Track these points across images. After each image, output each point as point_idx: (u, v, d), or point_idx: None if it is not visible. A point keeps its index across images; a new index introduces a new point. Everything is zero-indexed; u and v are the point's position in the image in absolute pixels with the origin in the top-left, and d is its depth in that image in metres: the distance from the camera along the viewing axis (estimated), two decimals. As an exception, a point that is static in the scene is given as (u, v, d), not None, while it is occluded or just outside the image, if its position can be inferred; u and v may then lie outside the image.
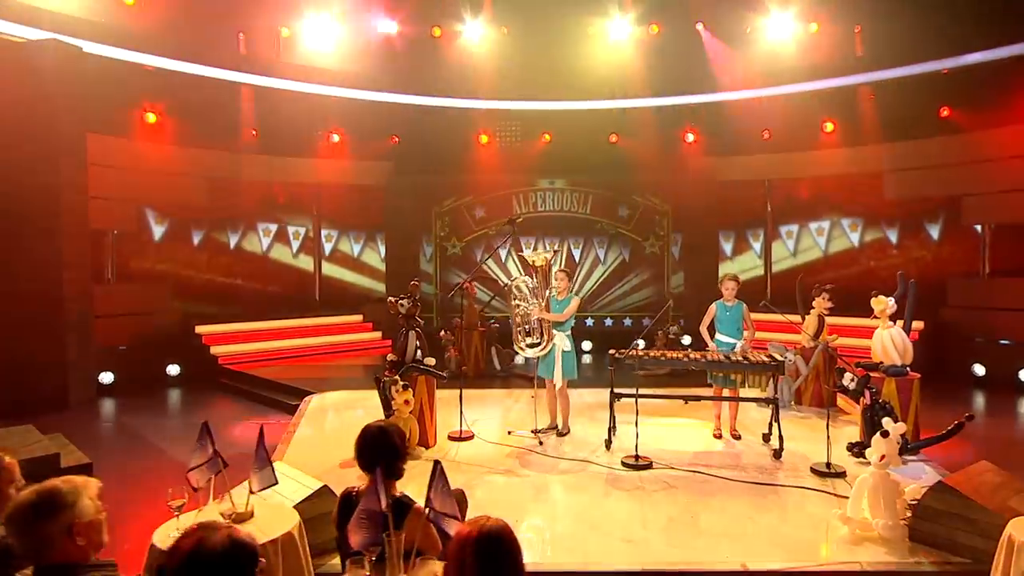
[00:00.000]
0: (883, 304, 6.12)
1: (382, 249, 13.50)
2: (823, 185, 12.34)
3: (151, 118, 10.77)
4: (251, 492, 3.37)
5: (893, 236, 11.88)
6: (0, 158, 8.41)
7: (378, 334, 12.15)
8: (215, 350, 10.30)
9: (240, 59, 11.46)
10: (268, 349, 10.87)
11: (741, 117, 12.24)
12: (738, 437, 6.39)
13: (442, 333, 9.59)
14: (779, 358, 5.91)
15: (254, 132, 11.85)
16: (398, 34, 12.14)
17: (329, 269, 13.53)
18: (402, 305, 6.16)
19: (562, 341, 6.37)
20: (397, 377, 5.75)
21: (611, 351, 6.04)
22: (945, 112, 10.76)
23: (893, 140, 11.26)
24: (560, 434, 6.51)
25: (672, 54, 12.17)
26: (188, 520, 3.08)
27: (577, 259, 12.69)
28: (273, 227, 13.03)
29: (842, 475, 5.33)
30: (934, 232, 11.45)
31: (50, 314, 8.48)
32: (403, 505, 2.98)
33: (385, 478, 2.96)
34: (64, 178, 8.59)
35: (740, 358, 5.91)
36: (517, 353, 6.76)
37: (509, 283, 6.58)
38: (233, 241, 12.49)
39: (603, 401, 7.40)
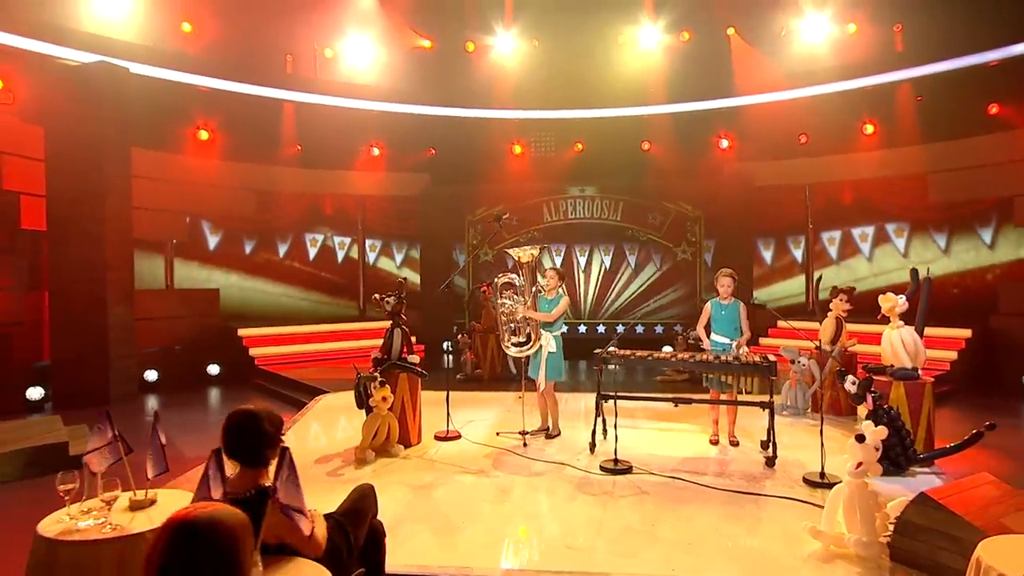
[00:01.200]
0: (891, 302, 5.36)
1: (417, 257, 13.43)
2: (865, 189, 11.35)
3: (203, 135, 11.07)
4: (146, 478, 3.14)
5: (941, 240, 10.77)
6: (55, 171, 8.75)
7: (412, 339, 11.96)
8: (253, 352, 10.35)
9: (286, 78, 11.65)
10: (305, 352, 10.86)
11: (777, 121, 11.43)
12: (736, 444, 5.74)
13: (460, 336, 9.29)
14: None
15: (299, 147, 11.99)
16: (433, 50, 12.08)
17: (372, 277, 13.52)
18: (388, 302, 5.89)
19: (548, 342, 5.93)
20: (376, 374, 5.47)
21: (596, 351, 5.56)
22: (994, 109, 9.69)
23: (939, 140, 10.25)
24: (549, 436, 6.04)
25: (704, 60, 11.58)
26: (75, 508, 2.88)
27: (608, 266, 12.16)
28: (320, 237, 13.13)
29: (833, 484, 4.65)
30: (986, 235, 10.29)
31: (94, 314, 8.70)
32: (266, 497, 2.65)
33: (247, 466, 2.64)
34: (109, 189, 8.83)
35: (730, 359, 5.29)
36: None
37: (496, 280, 6.19)
38: (282, 250, 12.66)
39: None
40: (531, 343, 5.94)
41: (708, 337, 5.87)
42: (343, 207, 13.16)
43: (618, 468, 5.02)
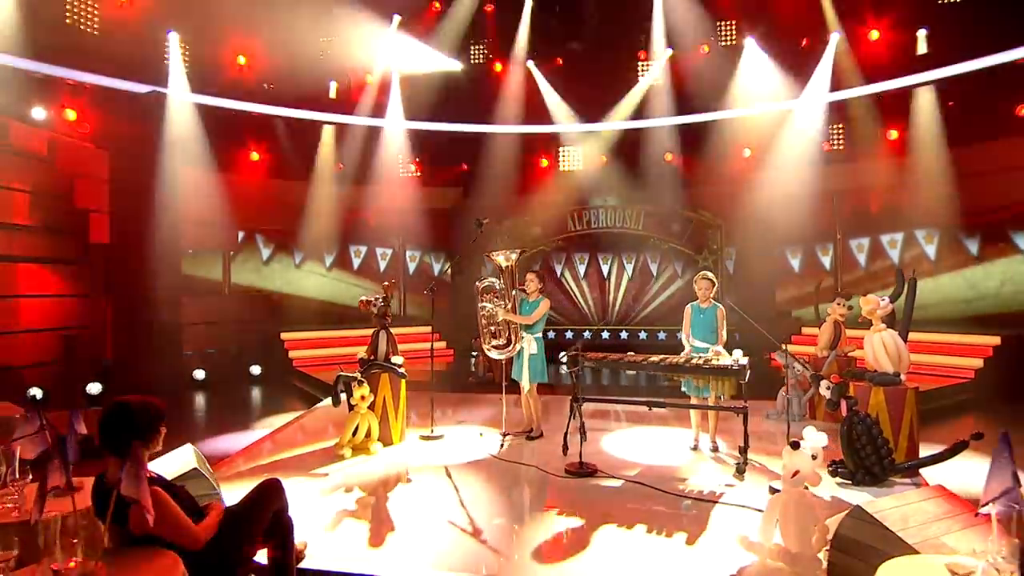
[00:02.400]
0: (871, 304, 4.80)
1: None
2: (893, 195, 10.44)
3: (254, 156, 11.43)
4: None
5: (973, 246, 9.78)
6: (117, 190, 9.21)
7: (443, 343, 11.89)
8: (292, 354, 10.52)
9: (330, 103, 11.90)
10: (344, 355, 10.94)
11: (799, 128, 10.75)
12: (716, 449, 5.30)
13: (474, 340, 9.12)
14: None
15: (341, 165, 12.19)
16: (464, 71, 12.05)
17: (412, 285, 13.55)
18: (375, 306, 5.78)
19: (529, 344, 5.67)
20: (357, 374, 5.36)
21: (561, 353, 5.28)
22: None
23: (967, 143, 9.33)
24: (531, 437, 5.76)
25: (724, 72, 10.99)
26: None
27: (630, 273, 11.70)
28: (363, 248, 13.28)
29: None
30: (1021, 241, 9.27)
31: (148, 318, 9.06)
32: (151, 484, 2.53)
33: (116, 456, 2.53)
34: (162, 205, 9.21)
35: (698, 363, 4.88)
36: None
37: (477, 284, 5.99)
38: (328, 260, 12.88)
39: (602, 409, 6.62)
40: (511, 345, 5.70)
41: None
42: (384, 220, 13.26)
43: (582, 471, 4.71)
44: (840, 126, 10.72)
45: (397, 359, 5.71)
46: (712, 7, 10.77)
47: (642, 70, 11.44)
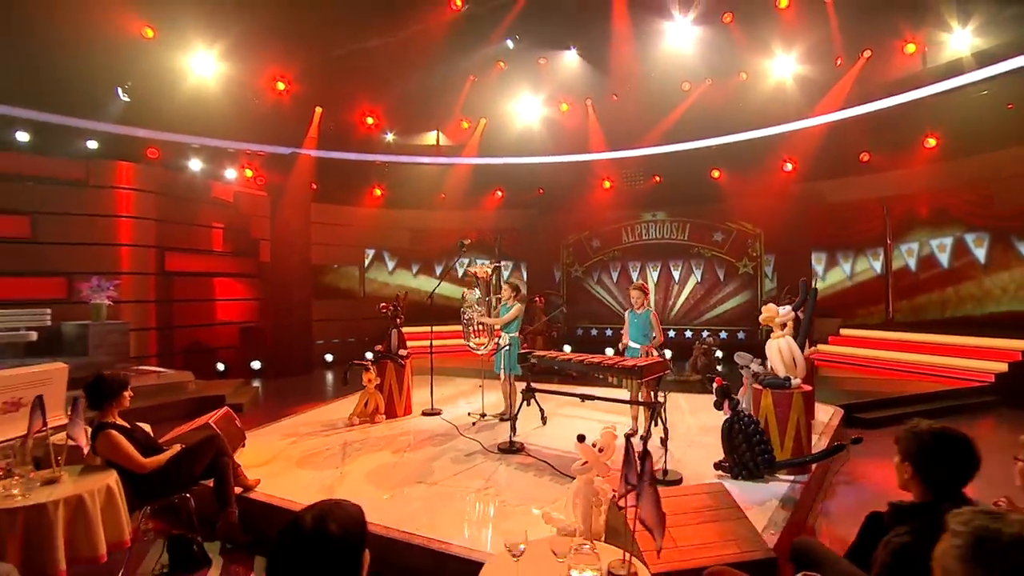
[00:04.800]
0: (770, 312, 4.33)
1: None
2: (939, 199, 8.84)
3: (377, 192, 12.79)
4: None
5: (1026, 248, 7.92)
6: (275, 223, 10.95)
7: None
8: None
9: (434, 148, 12.90)
10: (445, 346, 11.75)
11: (840, 138, 9.46)
12: (644, 438, 5.08)
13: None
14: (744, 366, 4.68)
15: (443, 196, 13.13)
16: (541, 115, 12.32)
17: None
18: (389, 310, 6.40)
19: (506, 342, 5.89)
20: (365, 362, 6.01)
21: (520, 352, 5.42)
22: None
23: (1012, 144, 7.59)
24: (503, 419, 5.96)
25: (764, 91, 10.02)
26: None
27: (676, 279, 11.11)
28: (465, 261, 14.11)
29: (677, 482, 3.99)
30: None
31: (291, 315, 10.65)
32: (99, 429, 3.32)
33: (93, 408, 3.37)
34: (294, 231, 10.75)
35: (611, 363, 4.76)
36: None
37: (463, 293, 6.31)
38: (438, 270, 13.91)
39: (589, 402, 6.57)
40: (488, 342, 5.97)
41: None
42: (482, 237, 13.99)
43: (511, 448, 4.87)
44: (879, 134, 9.24)
45: (403, 352, 6.26)
46: (747, 37, 9.87)
47: (685, 97, 10.79)
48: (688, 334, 10.83)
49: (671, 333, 11.15)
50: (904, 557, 1.63)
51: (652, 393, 4.65)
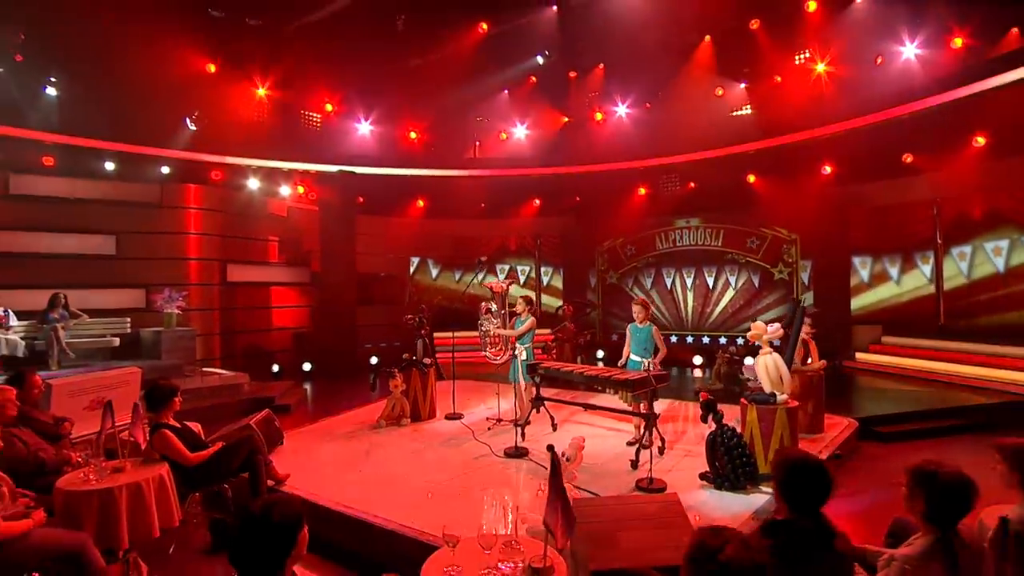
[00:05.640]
0: (758, 330, 4.49)
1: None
2: (993, 200, 8.43)
3: (420, 203, 13.51)
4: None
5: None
6: (323, 234, 11.85)
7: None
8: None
9: (473, 161, 13.46)
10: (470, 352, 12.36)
11: (882, 141, 9.20)
12: (643, 446, 5.35)
13: (546, 343, 9.75)
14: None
15: (483, 205, 13.67)
16: (571, 123, 12.62)
17: (546, 292, 14.49)
18: (414, 322, 6.97)
19: (520, 352, 6.30)
20: (393, 370, 6.59)
21: (529, 363, 5.82)
22: None
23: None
24: (517, 424, 6.37)
25: (800, 94, 9.86)
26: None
27: (711, 285, 11.10)
28: (507, 266, 14.62)
29: (662, 490, 4.27)
30: None
31: (338, 320, 11.51)
32: (155, 428, 4.03)
33: (148, 411, 4.08)
34: (345, 242, 11.60)
35: (608, 375, 5.07)
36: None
37: (482, 305, 6.74)
38: (480, 276, 14.47)
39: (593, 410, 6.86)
40: (503, 352, 6.40)
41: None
42: (522, 244, 14.44)
43: (516, 453, 5.29)
44: (924, 133, 8.91)
45: (427, 360, 6.81)
46: (784, 40, 9.77)
47: (719, 104, 10.77)
48: (723, 340, 10.80)
49: (705, 339, 11.17)
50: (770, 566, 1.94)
51: (649, 404, 4.94)
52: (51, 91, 8.72)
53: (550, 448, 3.59)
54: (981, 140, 8.32)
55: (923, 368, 8.50)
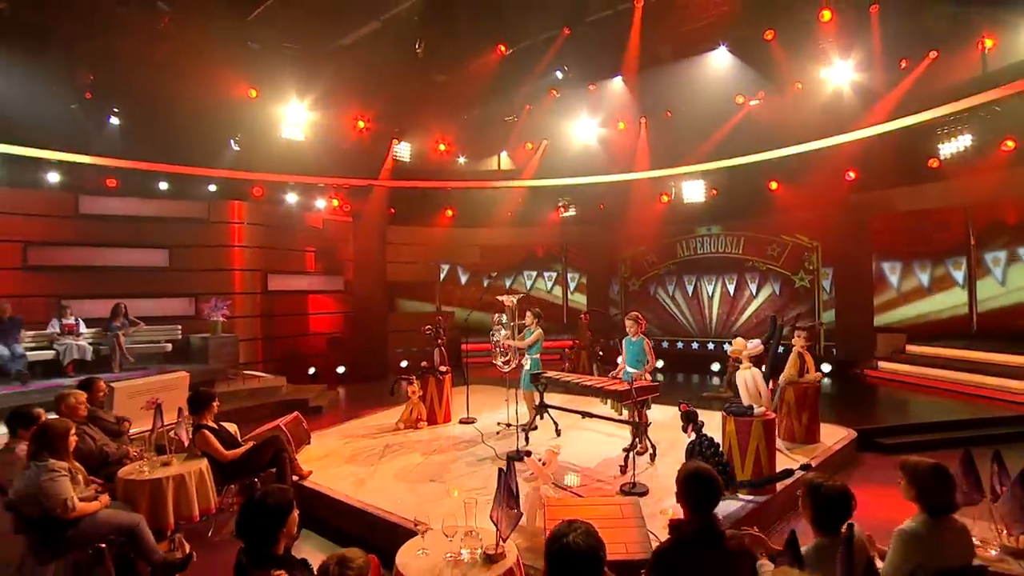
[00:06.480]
0: (739, 346, 4.83)
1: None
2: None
3: (449, 213, 14.17)
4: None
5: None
6: (356, 245, 12.67)
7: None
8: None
9: (499, 172, 14.04)
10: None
11: (907, 146, 9.20)
12: (638, 453, 5.76)
13: (563, 351, 10.18)
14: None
15: (510, 214, 14.21)
16: (591, 134, 12.99)
17: (574, 299, 14.91)
18: (432, 332, 7.56)
19: (527, 361, 6.79)
20: (412, 376, 7.21)
21: (533, 372, 6.31)
22: None
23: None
24: (524, 429, 6.86)
25: (821, 100, 9.93)
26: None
27: (732, 293, 11.24)
28: (533, 273, 15.12)
29: (643, 493, 4.68)
30: None
31: (370, 326, 12.29)
32: (197, 428, 4.73)
33: (191, 414, 4.81)
34: (373, 252, 12.36)
35: (599, 385, 5.50)
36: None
37: (493, 317, 7.24)
38: (508, 283, 15.03)
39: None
40: (512, 361, 6.90)
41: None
42: (549, 251, 14.91)
43: (517, 456, 5.78)
44: (949, 138, 8.84)
45: (443, 368, 7.39)
46: (803, 47, 9.85)
47: (738, 110, 10.90)
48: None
49: (726, 346, 11.30)
50: (660, 556, 2.38)
51: (637, 414, 5.35)
52: (114, 120, 9.80)
53: (509, 457, 4.12)
54: (1011, 144, 8.22)
55: (950, 379, 8.45)
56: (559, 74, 10.90)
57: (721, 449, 4.62)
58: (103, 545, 3.47)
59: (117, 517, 3.65)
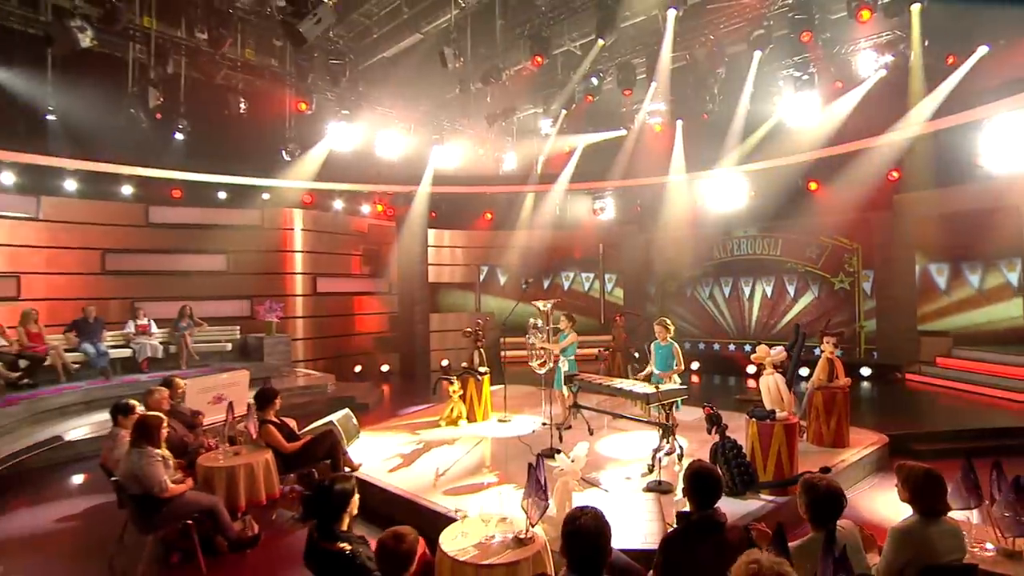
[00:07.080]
0: (762, 353, 5.06)
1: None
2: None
3: (488, 216, 14.64)
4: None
5: None
6: (400, 247, 13.29)
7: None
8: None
9: (537, 176, 14.39)
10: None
11: (954, 143, 9.07)
12: (669, 453, 6.05)
13: (599, 351, 10.48)
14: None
15: (547, 216, 14.54)
16: (627, 137, 13.16)
17: (612, 295, 15.14)
18: (471, 334, 8.03)
19: (562, 363, 7.17)
20: (452, 376, 7.69)
21: (567, 374, 6.69)
22: None
23: None
24: (559, 427, 7.24)
25: (864, 102, 9.84)
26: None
27: (770, 295, 11.26)
28: (571, 274, 15.43)
29: (668, 491, 5.00)
30: None
31: (409, 327, 12.89)
32: (263, 423, 5.33)
33: (258, 410, 5.41)
34: (415, 255, 12.94)
35: (628, 388, 5.82)
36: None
37: (529, 322, 7.61)
38: (545, 284, 15.40)
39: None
40: (546, 363, 7.29)
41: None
42: (587, 252, 15.19)
43: (548, 453, 6.17)
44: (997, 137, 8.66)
45: (482, 368, 7.84)
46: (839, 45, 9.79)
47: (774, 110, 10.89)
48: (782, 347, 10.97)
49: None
50: (667, 543, 2.74)
51: (666, 415, 5.65)
52: (179, 136, 10.70)
53: (540, 454, 4.51)
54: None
55: (997, 385, 8.33)
56: (595, 80, 11.15)
57: (744, 451, 4.89)
58: (190, 522, 4.07)
59: (199, 498, 4.25)
